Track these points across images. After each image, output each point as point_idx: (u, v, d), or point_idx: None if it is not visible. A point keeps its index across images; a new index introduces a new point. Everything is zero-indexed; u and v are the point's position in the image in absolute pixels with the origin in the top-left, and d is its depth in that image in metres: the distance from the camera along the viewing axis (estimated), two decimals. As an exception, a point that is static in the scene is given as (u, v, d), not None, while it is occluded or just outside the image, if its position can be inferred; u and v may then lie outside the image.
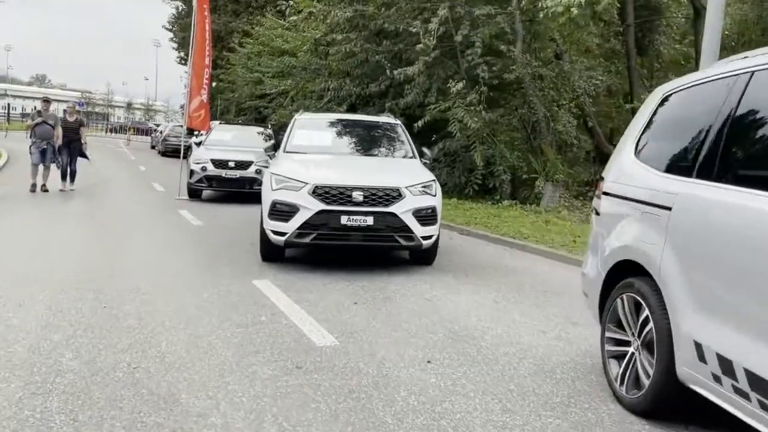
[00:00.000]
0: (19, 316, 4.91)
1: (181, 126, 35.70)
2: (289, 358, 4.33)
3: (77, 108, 15.67)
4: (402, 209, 7.09)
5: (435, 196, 7.52)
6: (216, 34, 34.77)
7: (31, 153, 13.56)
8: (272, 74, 23.71)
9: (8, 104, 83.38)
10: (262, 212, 7.46)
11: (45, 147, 13.49)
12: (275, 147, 8.89)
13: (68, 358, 4.09)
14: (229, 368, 4.10)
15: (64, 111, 14.81)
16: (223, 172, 13.72)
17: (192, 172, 13.88)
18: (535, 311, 6.04)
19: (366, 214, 6.98)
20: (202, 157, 13.95)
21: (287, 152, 8.25)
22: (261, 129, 16.38)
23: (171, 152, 31.00)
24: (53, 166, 13.83)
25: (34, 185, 13.47)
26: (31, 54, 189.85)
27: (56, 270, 6.65)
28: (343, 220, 6.94)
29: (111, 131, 69.97)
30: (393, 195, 7.12)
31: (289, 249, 7.58)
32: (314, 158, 8.05)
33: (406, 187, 7.22)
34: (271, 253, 7.49)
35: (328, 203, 6.96)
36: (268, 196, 7.24)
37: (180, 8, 38.91)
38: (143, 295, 5.82)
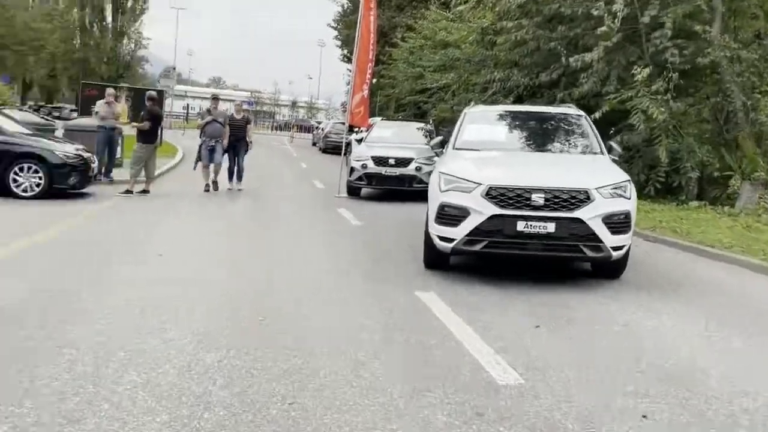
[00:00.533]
0: (177, 329, 4.60)
1: (342, 123, 36.49)
2: (467, 401, 3.58)
3: (245, 106, 15.73)
4: (590, 214, 6.07)
5: (630, 199, 6.42)
6: (379, 30, 34.99)
7: (199, 152, 13.52)
8: (434, 68, 23.20)
9: (187, 104, 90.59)
10: (427, 215, 6.79)
11: (213, 145, 13.34)
12: (442, 143, 8.19)
13: (219, 386, 3.63)
14: (396, 410, 3.43)
15: (235, 108, 14.77)
16: (383, 170, 13.31)
17: (352, 170, 13.63)
18: (766, 342, 4.84)
19: (547, 219, 6.04)
20: (362, 154, 13.65)
21: (457, 149, 7.48)
22: (421, 125, 15.85)
23: (331, 149, 31.53)
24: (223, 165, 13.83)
25: (207, 185, 13.42)
26: (209, 57, 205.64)
27: (217, 275, 6.42)
28: (520, 226, 6.05)
29: (276, 129, 73.26)
30: (580, 198, 6.11)
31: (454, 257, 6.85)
32: (487, 155, 7.22)
33: (596, 189, 6.19)
34: (436, 260, 6.80)
35: (503, 207, 6.11)
36: (436, 197, 6.52)
37: (345, 6, 39.67)
38: (301, 308, 5.36)
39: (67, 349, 4.06)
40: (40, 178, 11.05)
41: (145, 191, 12.71)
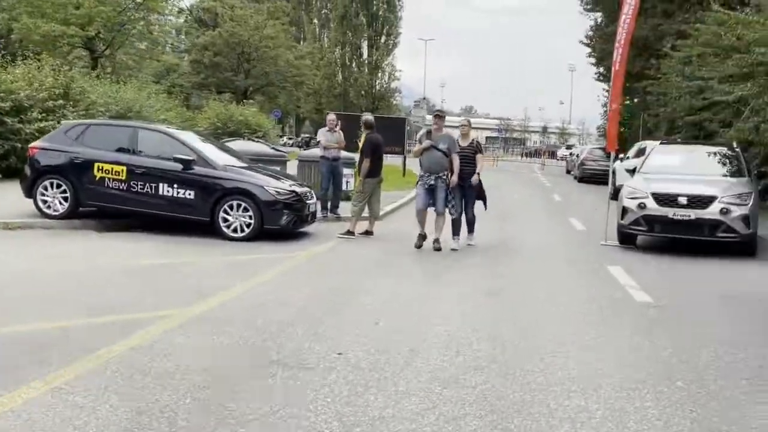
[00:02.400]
0: None
1: (601, 148, 32.45)
2: None
3: (467, 127, 10.65)
4: None
5: None
6: (642, 41, 30.50)
7: (417, 194, 9.94)
8: (719, 79, 18.63)
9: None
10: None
11: (433, 183, 9.56)
12: None
13: None
14: None
15: (461, 132, 10.64)
16: (671, 212, 9.71)
17: (624, 210, 10.25)
18: None
19: None
20: (639, 189, 10.23)
21: None
22: (722, 149, 11.85)
23: (588, 178, 27.83)
24: (448, 213, 9.75)
25: (421, 238, 9.66)
26: (461, 87, 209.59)
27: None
28: None
29: (526, 155, 70.66)
30: None
31: None
32: None
33: None
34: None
35: None
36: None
37: (599, 20, 35.59)
38: None
39: None
40: (251, 217, 9.64)
41: (368, 232, 10.79)
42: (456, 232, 9.90)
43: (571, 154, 40.92)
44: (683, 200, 9.74)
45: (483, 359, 4.68)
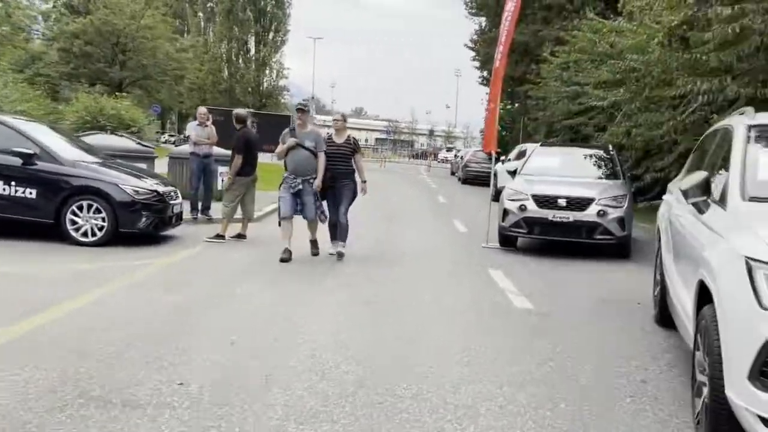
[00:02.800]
0: None
1: (483, 150, 33.01)
2: None
3: (341, 122, 9.11)
4: None
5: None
6: (523, 47, 31.32)
7: (280, 198, 8.65)
8: (594, 84, 19.26)
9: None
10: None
11: (301, 186, 8.39)
12: (705, 186, 4.68)
13: None
14: None
15: (334, 127, 9.27)
16: (551, 214, 9.63)
17: (505, 212, 10.09)
18: None
19: None
20: (519, 191, 10.10)
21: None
22: (598, 151, 12.00)
23: (472, 180, 28.19)
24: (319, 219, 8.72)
25: (286, 252, 8.30)
26: (353, 88, 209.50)
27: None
28: None
29: (414, 157, 71.74)
30: None
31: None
32: None
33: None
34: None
35: None
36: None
37: (483, 24, 36.33)
38: None
39: None
40: (104, 219, 8.59)
41: (240, 236, 9.96)
42: (334, 235, 8.92)
43: (455, 156, 41.54)
44: (562, 202, 9.67)
45: (350, 384, 4.10)
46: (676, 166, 13.85)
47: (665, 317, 5.65)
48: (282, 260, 8.22)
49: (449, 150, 70.25)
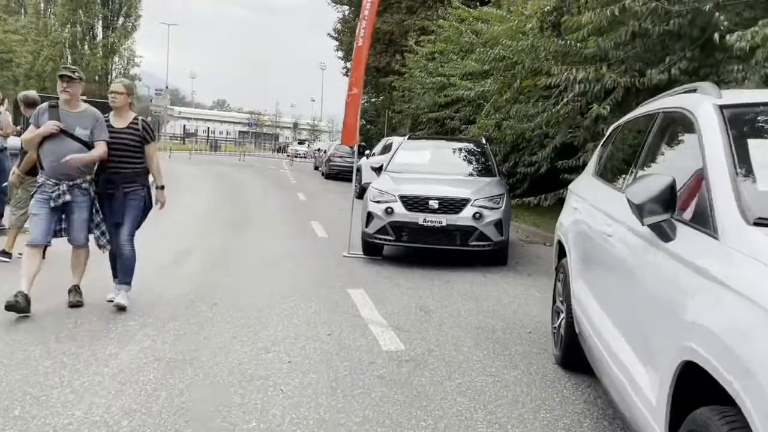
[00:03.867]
0: None
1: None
2: None
3: (123, 96, 5.80)
4: None
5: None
6: (387, 36, 30.21)
7: (31, 215, 5.60)
8: (461, 75, 18.37)
9: (183, 126, 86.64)
10: None
11: (67, 197, 5.52)
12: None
13: None
14: None
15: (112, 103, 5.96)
16: (421, 218, 8.22)
17: (370, 216, 8.56)
18: None
19: None
20: (385, 191, 8.61)
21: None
22: (469, 145, 10.81)
23: (335, 175, 26.73)
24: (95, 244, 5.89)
25: (23, 298, 5.20)
26: (215, 80, 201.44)
27: None
28: None
29: (277, 151, 69.59)
30: None
31: None
32: None
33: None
34: None
35: None
36: None
37: (346, 13, 34.81)
38: None
39: None
40: None
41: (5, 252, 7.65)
42: (115, 272, 5.95)
43: (313, 149, 39.90)
44: (434, 204, 8.29)
45: None
46: (547, 161, 13.08)
47: (572, 360, 4.33)
48: (9, 307, 5.12)
49: (301, 143, 68.14)
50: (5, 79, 47.43)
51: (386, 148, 17.70)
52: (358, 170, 18.49)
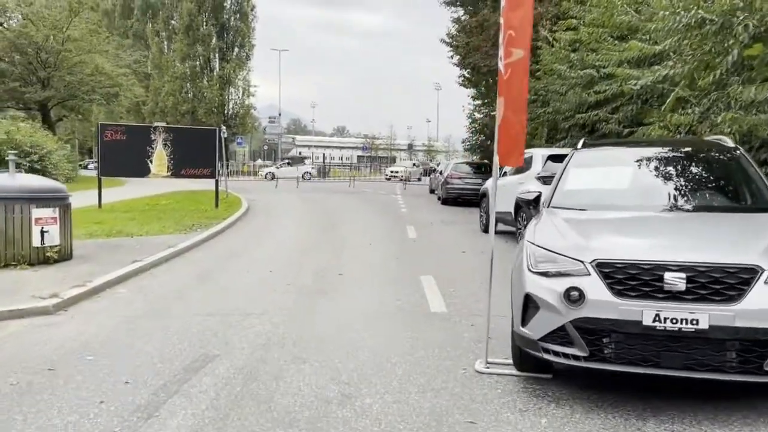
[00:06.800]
0: None
1: (467, 163, 27.13)
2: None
3: None
4: None
5: None
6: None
7: None
8: (619, 63, 13.69)
9: (299, 152, 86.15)
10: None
11: None
12: None
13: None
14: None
15: None
16: (648, 311, 3.70)
17: (529, 303, 4.18)
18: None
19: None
20: (560, 253, 4.21)
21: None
22: (710, 151, 6.04)
23: (454, 199, 22.55)
24: None
25: None
26: (336, 108, 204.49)
27: None
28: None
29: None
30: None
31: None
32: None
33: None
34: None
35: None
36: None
37: (461, 14, 30.52)
38: None
39: None
40: None
41: None
42: None
43: (431, 171, 35.80)
44: (676, 280, 3.79)
45: None
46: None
47: None
48: None
49: (393, 162, 63.50)
50: (114, 113, 47.11)
51: (525, 164, 12.96)
52: (484, 195, 14.04)
